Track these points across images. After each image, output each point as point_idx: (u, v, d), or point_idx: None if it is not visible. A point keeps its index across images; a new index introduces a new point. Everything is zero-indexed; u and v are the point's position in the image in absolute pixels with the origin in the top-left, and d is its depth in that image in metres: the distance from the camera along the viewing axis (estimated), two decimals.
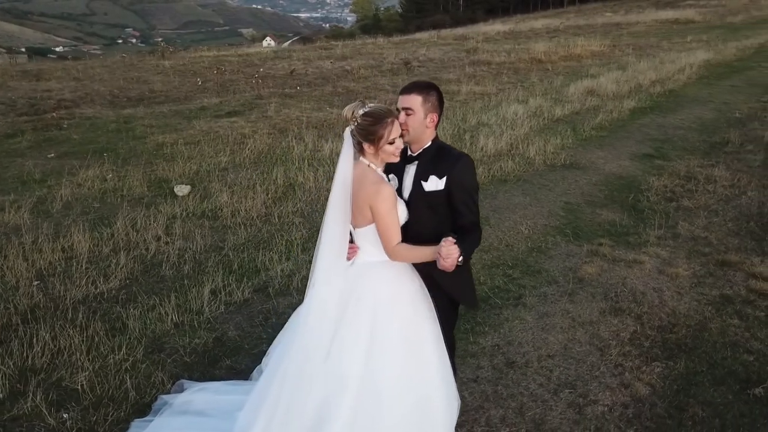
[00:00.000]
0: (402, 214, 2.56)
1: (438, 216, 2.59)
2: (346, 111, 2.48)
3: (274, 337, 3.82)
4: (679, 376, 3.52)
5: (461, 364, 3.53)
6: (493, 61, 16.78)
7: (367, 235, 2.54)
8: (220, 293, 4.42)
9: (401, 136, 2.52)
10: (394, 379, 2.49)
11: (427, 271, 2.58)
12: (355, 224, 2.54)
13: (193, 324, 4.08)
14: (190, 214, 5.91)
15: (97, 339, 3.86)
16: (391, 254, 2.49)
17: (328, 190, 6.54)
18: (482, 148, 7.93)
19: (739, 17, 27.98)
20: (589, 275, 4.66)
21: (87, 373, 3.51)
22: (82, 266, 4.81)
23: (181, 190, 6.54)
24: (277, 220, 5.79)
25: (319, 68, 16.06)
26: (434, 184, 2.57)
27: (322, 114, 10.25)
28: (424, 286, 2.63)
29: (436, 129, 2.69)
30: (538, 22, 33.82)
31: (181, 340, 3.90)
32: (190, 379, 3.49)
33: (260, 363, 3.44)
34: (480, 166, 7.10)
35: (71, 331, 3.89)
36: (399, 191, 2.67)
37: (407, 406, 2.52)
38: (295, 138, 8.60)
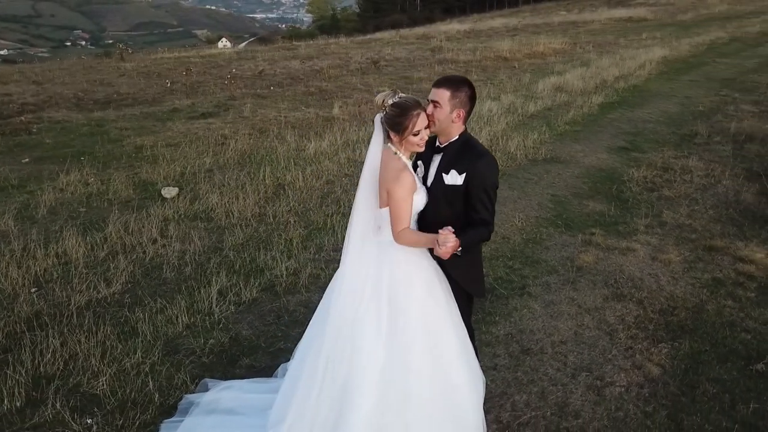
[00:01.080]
0: (420, 200, 2.64)
1: (454, 209, 2.66)
2: (378, 99, 2.55)
3: (290, 335, 3.90)
4: (686, 356, 3.69)
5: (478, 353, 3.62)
6: (459, 59, 16.99)
7: (386, 216, 2.60)
8: (228, 293, 4.41)
9: (427, 127, 2.59)
10: (418, 355, 2.55)
11: (439, 260, 2.65)
12: (381, 205, 2.62)
13: (205, 325, 4.06)
14: (183, 216, 5.84)
15: (108, 343, 3.80)
16: (397, 237, 2.57)
17: (319, 189, 6.52)
18: None
19: (688, 15, 29.04)
20: (587, 264, 4.81)
21: (105, 377, 3.47)
22: (79, 272, 4.72)
23: (169, 192, 6.45)
24: (272, 219, 5.77)
25: (286, 68, 15.97)
26: (453, 178, 2.64)
27: (299, 114, 10.22)
28: (439, 269, 2.70)
29: (464, 124, 2.76)
30: (496, 21, 34.37)
31: (195, 341, 3.87)
32: (213, 378, 3.49)
33: (284, 360, 3.50)
34: None
35: (81, 337, 3.83)
36: (424, 178, 2.75)
37: (431, 386, 2.58)
38: (277, 138, 8.57)
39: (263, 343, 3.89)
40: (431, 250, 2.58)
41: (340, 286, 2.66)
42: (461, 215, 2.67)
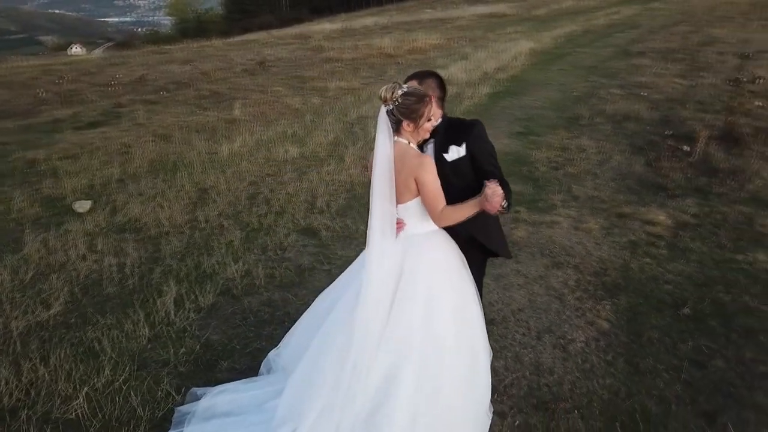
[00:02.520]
0: None
1: (465, 181, 2.82)
2: (384, 92, 2.62)
3: (261, 335, 3.90)
4: (626, 309, 4.15)
5: None
6: (343, 57, 17.20)
7: (411, 209, 2.73)
8: (184, 301, 4.29)
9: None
10: (452, 339, 2.72)
11: (465, 232, 2.83)
12: (400, 200, 2.72)
13: (169, 335, 3.93)
14: (107, 230, 5.53)
15: (67, 366, 3.58)
16: (439, 219, 2.68)
17: (244, 191, 6.47)
18: (374, 140, 8.25)
19: (542, 11, 31.35)
20: (521, 238, 5.21)
21: (78, 400, 3.27)
22: (10, 297, 4.35)
23: (82, 206, 6.06)
24: (204, 224, 5.63)
25: (167, 72, 15.32)
26: (455, 152, 2.82)
27: (199, 117, 9.92)
28: (460, 251, 2.88)
29: (442, 108, 2.95)
30: (367, 19, 34.99)
31: (165, 352, 3.75)
32: (196, 386, 3.41)
33: (264, 358, 3.50)
34: None
35: (35, 363, 3.57)
36: None
37: (463, 363, 2.77)
38: (183, 143, 8.28)
39: (237, 345, 3.84)
40: (471, 224, 2.69)
41: (365, 293, 2.66)
42: (472, 185, 2.83)
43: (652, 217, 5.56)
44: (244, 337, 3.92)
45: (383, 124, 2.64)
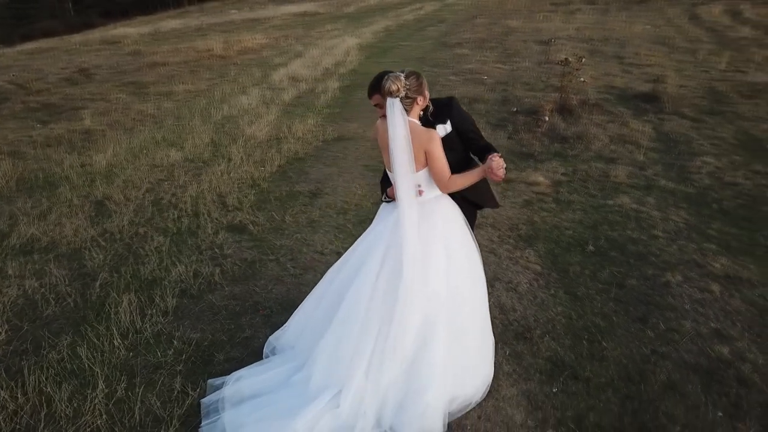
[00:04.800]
0: None
1: (456, 153, 3.27)
2: (390, 86, 2.90)
3: (242, 325, 3.99)
4: (546, 253, 4.91)
5: None
6: (171, 61, 16.51)
7: (421, 177, 3.10)
8: (146, 309, 4.17)
9: None
10: (468, 288, 3.17)
11: (459, 193, 3.25)
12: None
13: (146, 341, 3.85)
14: (7, 255, 5.04)
15: (48, 391, 3.38)
16: (447, 186, 3.09)
17: (144, 198, 6.44)
18: (253, 136, 8.32)
19: (351, 8, 32.55)
20: None
21: (86, 417, 3.14)
22: None
23: None
24: (119, 235, 5.38)
25: None
26: (443, 130, 3.25)
27: (44, 131, 9.04)
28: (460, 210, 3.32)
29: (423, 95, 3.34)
30: (172, 22, 33.43)
31: (152, 357, 3.69)
32: (202, 380, 3.44)
33: (258, 345, 3.64)
34: (270, 150, 7.57)
35: (13, 392, 3.31)
36: None
37: (477, 308, 3.23)
38: (42, 158, 7.58)
39: (223, 337, 3.89)
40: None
41: (407, 255, 3.00)
42: (463, 155, 3.28)
43: (533, 179, 6.46)
44: (225, 330, 3.96)
45: (396, 110, 2.94)
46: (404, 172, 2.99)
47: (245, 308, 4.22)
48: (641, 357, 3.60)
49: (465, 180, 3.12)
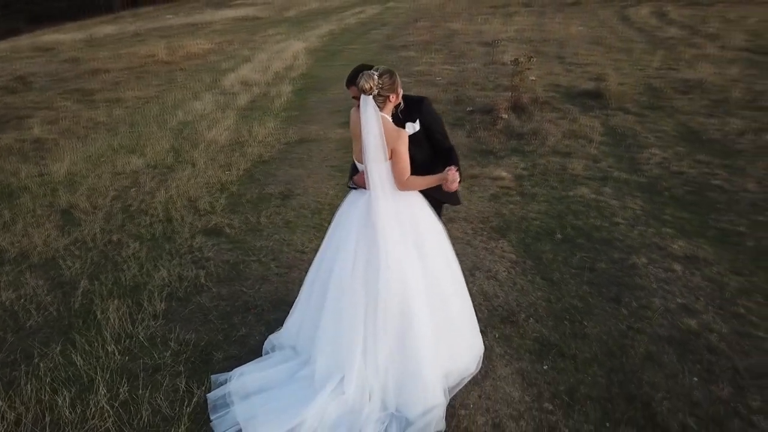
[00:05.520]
0: None
1: (424, 151, 3.45)
2: (364, 83, 2.99)
3: (234, 324, 4.05)
4: (518, 242, 5.16)
5: None
6: (113, 68, 16.09)
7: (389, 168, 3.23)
8: (135, 314, 4.16)
9: None
10: (442, 263, 3.34)
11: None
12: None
13: (141, 345, 3.85)
14: None
15: (47, 397, 3.35)
16: (405, 184, 3.19)
17: (111, 206, 6.46)
18: (214, 140, 8.28)
19: (292, 12, 32.45)
20: None
21: (95, 420, 3.14)
22: None
23: None
24: (92, 243, 5.30)
25: None
26: (411, 128, 3.40)
27: None
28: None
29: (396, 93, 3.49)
30: (107, 28, 32.44)
31: (150, 360, 3.70)
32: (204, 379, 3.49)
33: (257, 342, 3.71)
34: (233, 154, 7.57)
35: (13, 402, 3.27)
36: None
37: (458, 283, 3.41)
38: None
39: (219, 336, 3.93)
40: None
41: (384, 241, 3.14)
42: (429, 153, 3.45)
43: (496, 174, 6.74)
44: (219, 330, 4.01)
45: (369, 107, 3.03)
46: (376, 162, 3.10)
47: (236, 308, 4.27)
48: (619, 333, 3.88)
49: (422, 182, 3.27)
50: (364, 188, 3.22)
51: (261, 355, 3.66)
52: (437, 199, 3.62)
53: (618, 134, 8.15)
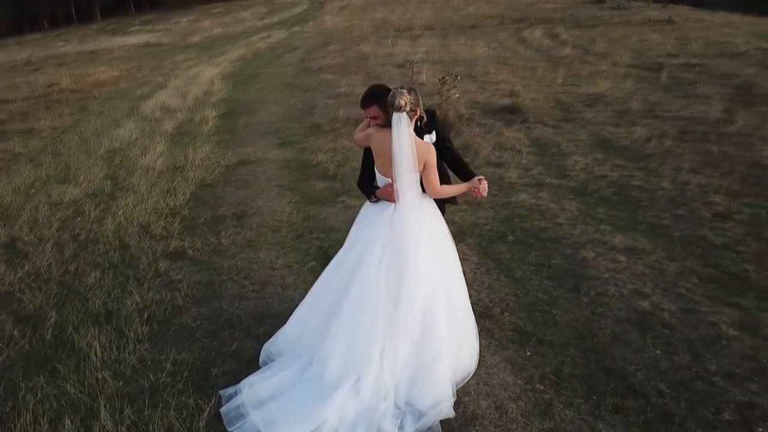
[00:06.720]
0: None
1: (439, 160, 3.72)
2: (399, 100, 3.24)
3: (224, 341, 4.10)
4: (476, 246, 5.50)
5: None
6: (15, 97, 15.23)
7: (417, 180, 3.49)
8: (117, 339, 4.09)
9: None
10: (453, 265, 3.62)
11: None
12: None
13: (132, 367, 3.81)
14: None
15: (46, 425, 3.26)
16: (438, 192, 3.51)
17: (59, 236, 6.38)
18: (150, 167, 8.14)
19: (197, 37, 31.90)
20: None
21: None
22: None
23: None
24: (49, 275, 5.11)
25: None
26: (429, 139, 3.69)
27: None
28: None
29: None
30: None
31: (146, 381, 3.69)
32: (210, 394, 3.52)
33: (250, 354, 3.80)
34: (174, 179, 7.49)
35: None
36: None
37: (461, 281, 3.69)
38: None
39: (212, 353, 3.96)
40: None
41: (415, 242, 3.40)
42: (440, 162, 3.72)
43: None
44: (210, 348, 4.04)
45: (403, 123, 3.27)
46: (408, 173, 3.35)
47: (220, 325, 4.30)
48: (585, 318, 4.28)
49: (454, 190, 3.64)
50: (389, 201, 3.44)
51: (258, 366, 3.73)
52: (443, 201, 3.90)
53: (542, 145, 8.81)
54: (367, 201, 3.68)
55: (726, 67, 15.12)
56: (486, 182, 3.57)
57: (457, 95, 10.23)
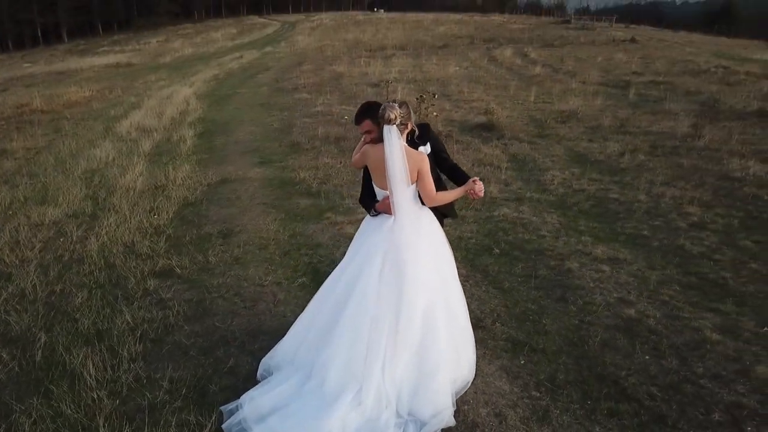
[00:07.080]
0: None
1: (433, 171, 3.81)
2: (390, 114, 3.35)
3: (220, 358, 4.09)
4: (463, 259, 5.59)
5: None
6: None
7: (413, 191, 3.57)
8: (110, 359, 4.05)
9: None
10: (452, 276, 3.69)
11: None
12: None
13: (128, 386, 3.78)
14: None
15: None
16: (433, 200, 3.60)
17: (43, 258, 6.36)
18: (130, 186, 8.07)
19: (167, 58, 31.80)
20: (350, 234, 6.19)
21: None
22: None
23: None
24: (34, 296, 5.03)
25: None
26: (424, 150, 3.78)
27: None
28: None
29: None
30: None
31: (142, 400, 3.67)
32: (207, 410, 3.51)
33: (248, 369, 3.80)
34: (156, 198, 7.44)
35: None
36: None
37: (461, 292, 3.76)
38: None
39: (209, 370, 3.95)
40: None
41: (413, 255, 3.46)
42: (437, 173, 3.81)
43: None
44: (206, 365, 4.02)
45: (394, 135, 3.38)
46: (402, 184, 3.44)
47: (214, 342, 4.29)
48: (574, 327, 4.39)
49: (450, 196, 3.69)
50: (388, 214, 3.51)
51: (256, 381, 3.73)
52: (443, 215, 3.97)
53: (519, 160, 9.01)
54: (368, 215, 3.75)
55: (690, 85, 15.69)
56: (481, 183, 3.64)
57: (435, 113, 10.40)
